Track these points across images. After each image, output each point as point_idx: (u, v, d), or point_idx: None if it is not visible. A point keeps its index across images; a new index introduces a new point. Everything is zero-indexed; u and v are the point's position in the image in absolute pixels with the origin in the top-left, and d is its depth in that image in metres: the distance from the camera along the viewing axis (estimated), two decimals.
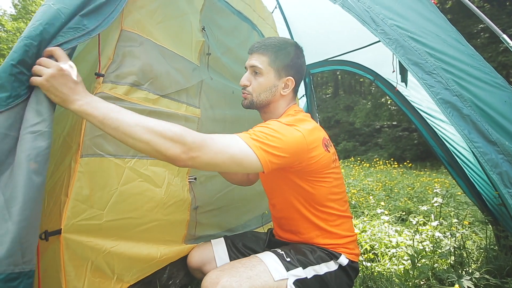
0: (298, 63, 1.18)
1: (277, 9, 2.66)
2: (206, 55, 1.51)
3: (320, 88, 22.28)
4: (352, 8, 1.00)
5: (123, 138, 0.79)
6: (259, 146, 0.92)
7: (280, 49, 1.15)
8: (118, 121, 0.78)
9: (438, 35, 1.03)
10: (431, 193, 4.11)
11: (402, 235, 2.31)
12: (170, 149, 0.80)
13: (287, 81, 1.17)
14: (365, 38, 2.25)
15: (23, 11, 13.17)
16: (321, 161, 1.07)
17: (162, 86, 1.25)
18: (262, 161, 0.92)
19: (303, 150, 1.00)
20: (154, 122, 0.81)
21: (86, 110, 0.78)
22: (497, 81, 1.00)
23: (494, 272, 1.56)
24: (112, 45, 1.05)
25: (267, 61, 1.14)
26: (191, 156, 0.82)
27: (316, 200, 1.13)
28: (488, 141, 0.93)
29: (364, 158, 12.07)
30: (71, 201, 0.95)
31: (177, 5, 1.33)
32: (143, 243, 1.21)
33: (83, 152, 0.99)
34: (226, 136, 0.92)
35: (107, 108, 0.79)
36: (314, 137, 1.05)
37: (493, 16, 9.26)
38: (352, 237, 1.19)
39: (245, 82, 1.18)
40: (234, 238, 1.39)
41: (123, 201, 1.10)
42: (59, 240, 0.93)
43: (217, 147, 0.86)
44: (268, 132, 0.97)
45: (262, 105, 1.19)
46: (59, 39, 0.78)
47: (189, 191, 1.40)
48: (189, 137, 0.82)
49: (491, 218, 1.91)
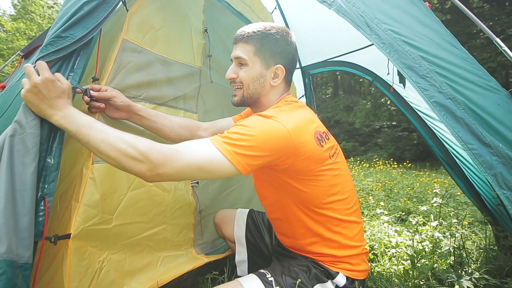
0: (287, 50, 1.06)
1: (276, 9, 2.68)
2: (207, 57, 1.53)
3: (319, 88, 22.27)
4: (346, 13, 1.02)
5: (95, 152, 0.83)
6: (231, 150, 0.85)
7: (265, 36, 1.03)
8: (88, 137, 0.80)
9: (432, 39, 1.04)
10: (430, 193, 4.11)
11: (402, 235, 2.31)
12: (134, 167, 0.79)
13: (276, 69, 1.05)
14: (364, 39, 2.24)
15: (23, 11, 13.20)
16: (312, 157, 0.96)
17: (160, 95, 1.27)
18: (238, 165, 0.85)
19: (287, 146, 0.90)
20: (119, 138, 0.80)
21: (62, 124, 0.82)
22: (491, 84, 1.02)
23: (494, 272, 1.56)
24: (113, 55, 1.07)
25: (252, 50, 1.03)
26: (156, 173, 0.80)
27: (311, 201, 1.02)
28: (482, 143, 0.94)
29: (363, 158, 12.06)
30: (82, 206, 0.97)
31: (178, 8, 1.34)
32: (146, 251, 1.21)
33: (94, 159, 1.01)
34: (195, 143, 0.87)
35: (79, 123, 0.81)
36: (302, 131, 0.94)
37: (492, 17, 9.26)
38: (357, 249, 1.06)
39: (231, 75, 1.08)
40: (259, 214, 1.48)
41: (132, 206, 1.12)
42: (68, 245, 0.95)
43: (184, 160, 0.82)
44: (242, 131, 0.88)
45: (252, 99, 1.08)
46: (49, 48, 0.82)
47: (193, 195, 1.42)
48: (153, 155, 0.79)
49: (490, 218, 1.92)
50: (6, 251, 0.71)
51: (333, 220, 1.04)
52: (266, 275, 1.01)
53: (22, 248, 0.74)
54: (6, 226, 0.72)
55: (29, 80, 0.80)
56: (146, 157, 0.79)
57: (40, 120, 0.82)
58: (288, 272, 1.03)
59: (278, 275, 1.01)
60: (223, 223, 1.49)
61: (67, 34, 0.83)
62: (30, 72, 0.80)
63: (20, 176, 0.77)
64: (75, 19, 0.84)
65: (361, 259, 1.09)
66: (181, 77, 1.37)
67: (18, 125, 0.79)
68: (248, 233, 1.42)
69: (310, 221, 1.05)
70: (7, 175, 0.75)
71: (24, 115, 0.80)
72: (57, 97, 0.82)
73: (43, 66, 0.81)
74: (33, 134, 0.80)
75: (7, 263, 0.71)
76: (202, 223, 1.50)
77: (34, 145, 0.80)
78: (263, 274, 1.02)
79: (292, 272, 1.03)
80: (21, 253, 0.74)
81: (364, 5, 1.03)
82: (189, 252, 1.40)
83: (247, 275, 1.04)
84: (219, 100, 1.65)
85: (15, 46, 11.32)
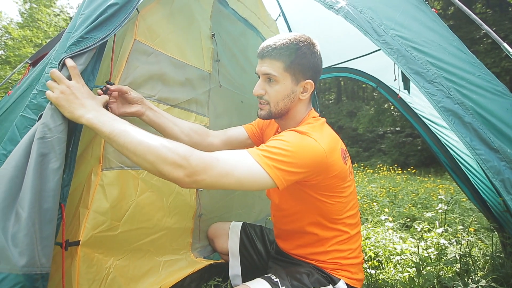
0: (315, 63, 1.05)
1: (280, 17, 2.70)
2: (216, 61, 1.54)
3: (323, 94, 22.31)
4: (354, 19, 1.02)
5: (128, 155, 0.78)
6: (272, 164, 0.85)
7: (294, 51, 1.00)
8: (123, 139, 0.77)
9: (439, 44, 1.04)
10: (435, 200, 4.08)
11: (407, 242, 2.29)
12: (173, 172, 0.76)
13: (306, 84, 1.04)
14: (367, 45, 2.27)
15: (30, 19, 13.39)
16: (339, 175, 0.99)
17: (173, 97, 1.27)
18: (276, 180, 0.86)
19: (321, 164, 0.93)
20: (158, 142, 0.78)
21: (93, 124, 0.79)
22: (499, 89, 1.01)
23: (501, 280, 1.54)
24: (124, 56, 1.08)
25: (282, 67, 1.00)
26: (195, 180, 0.78)
27: (329, 216, 1.06)
28: (490, 148, 0.94)
29: (367, 164, 12.02)
30: (91, 213, 0.97)
31: (187, 14, 1.36)
32: (148, 255, 1.21)
33: (103, 166, 1.01)
34: (235, 155, 0.86)
35: (114, 124, 0.79)
36: (333, 150, 0.97)
37: (495, 22, 9.27)
38: (357, 259, 1.11)
39: (259, 92, 1.05)
40: (251, 227, 1.46)
41: (138, 212, 1.12)
42: (77, 252, 0.94)
43: (224, 170, 0.81)
44: (281, 146, 0.89)
45: (281, 114, 1.08)
46: (73, 48, 0.82)
47: (196, 200, 1.42)
48: (193, 160, 0.77)
49: (496, 225, 1.90)
50: (26, 264, 0.67)
51: (343, 234, 1.09)
52: (271, 277, 1.03)
53: (44, 258, 0.70)
54: (29, 237, 0.68)
55: (60, 83, 0.80)
56: (187, 162, 0.77)
57: (67, 125, 0.80)
58: (292, 274, 1.05)
59: (283, 277, 1.03)
60: (216, 237, 1.49)
61: (90, 35, 0.84)
62: (60, 77, 0.80)
63: (48, 182, 0.73)
64: (99, 21, 0.85)
65: (359, 268, 1.13)
66: (192, 80, 1.38)
67: (47, 128, 0.75)
68: (242, 247, 1.41)
69: (323, 233, 1.08)
70: (34, 180, 0.70)
71: (53, 119, 0.77)
72: (88, 97, 0.83)
73: (76, 72, 0.82)
74: (61, 139, 0.77)
75: (26, 277, 0.67)
76: (201, 227, 1.49)
77: (61, 150, 0.77)
78: (268, 277, 1.04)
79: (296, 273, 1.05)
80: (44, 263, 0.70)
81: (372, 11, 1.04)
82: (187, 256, 1.40)
83: (252, 280, 1.04)
84: (228, 105, 1.66)
85: (22, 53, 11.45)
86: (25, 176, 0.71)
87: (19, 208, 0.69)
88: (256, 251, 1.40)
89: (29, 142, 0.75)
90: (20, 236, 0.68)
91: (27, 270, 0.67)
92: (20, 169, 0.72)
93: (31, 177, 0.70)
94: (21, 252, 0.67)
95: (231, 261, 1.41)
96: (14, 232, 0.68)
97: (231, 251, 1.42)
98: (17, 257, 0.66)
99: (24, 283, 0.66)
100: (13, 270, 0.66)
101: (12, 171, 0.72)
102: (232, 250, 1.42)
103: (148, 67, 1.16)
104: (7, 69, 10.94)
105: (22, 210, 0.69)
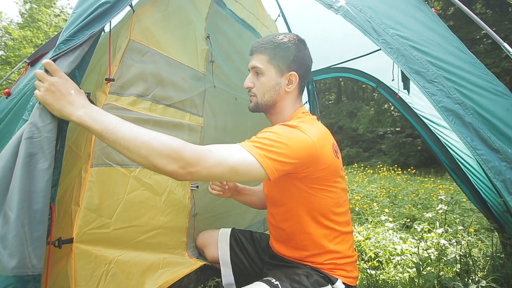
0: (300, 56, 1.12)
1: (280, 17, 2.69)
2: (210, 62, 1.54)
3: (323, 94, 22.32)
4: (354, 19, 1.02)
5: (121, 151, 0.78)
6: (263, 154, 0.88)
7: (278, 45, 1.10)
8: (116, 135, 0.77)
9: (439, 43, 1.04)
10: (435, 200, 4.08)
11: (407, 242, 2.29)
12: (167, 165, 0.78)
13: (290, 76, 1.11)
14: (367, 45, 2.26)
15: (30, 19, 13.40)
16: (329, 168, 1.02)
17: (167, 96, 1.27)
18: (267, 169, 0.88)
19: (311, 155, 0.96)
20: (151, 136, 0.79)
21: (84, 122, 0.79)
22: (499, 89, 1.01)
23: (501, 281, 1.53)
24: (119, 55, 1.08)
25: (266, 59, 1.10)
26: (189, 171, 0.80)
27: (320, 211, 1.08)
28: (491, 148, 0.93)
29: (367, 164, 12.02)
30: (82, 210, 0.97)
31: (183, 14, 1.36)
32: (147, 253, 1.21)
33: (93, 162, 1.00)
34: (227, 147, 0.89)
35: (106, 120, 0.79)
36: (323, 142, 1.00)
37: (495, 23, 9.26)
38: (352, 258, 1.14)
39: (248, 84, 1.14)
40: (241, 232, 1.45)
41: (128, 210, 1.12)
42: (71, 249, 0.94)
43: (216, 160, 0.82)
44: (272, 137, 0.92)
45: (268, 106, 1.14)
46: (62, 47, 0.82)
47: (190, 199, 1.42)
48: (187, 152, 0.79)
49: (497, 225, 1.90)
50: (16, 266, 0.65)
51: (335, 232, 1.10)
52: (271, 280, 1.02)
53: (35, 259, 0.69)
54: (18, 239, 0.67)
55: (44, 81, 0.79)
56: (180, 154, 0.78)
57: (56, 124, 0.79)
58: (291, 277, 1.05)
59: (283, 280, 1.03)
60: (205, 246, 1.46)
61: (80, 33, 0.83)
62: (43, 74, 0.79)
63: (37, 183, 0.71)
64: (89, 19, 0.84)
65: (354, 266, 1.15)
66: (187, 80, 1.38)
67: (34, 128, 0.74)
68: (232, 255, 1.39)
69: (315, 231, 1.09)
70: (23, 181, 0.69)
71: (41, 118, 0.76)
72: (75, 92, 0.81)
73: (54, 67, 0.80)
74: (50, 138, 0.76)
75: (17, 279, 0.66)
76: (196, 227, 1.48)
77: (50, 150, 0.75)
78: (268, 280, 1.03)
79: (294, 275, 1.06)
80: (35, 265, 0.69)
81: (371, 10, 1.03)
82: (183, 256, 1.39)
83: (252, 283, 1.04)
84: (223, 105, 1.66)
85: (22, 53, 11.47)
86: (13, 177, 0.70)
87: (7, 209, 0.68)
88: (247, 258, 1.38)
89: (17, 142, 0.74)
90: (9, 237, 0.67)
91: (17, 271, 0.66)
92: (8, 170, 0.71)
93: (19, 178, 0.69)
94: (11, 253, 0.66)
95: (223, 270, 1.39)
96: (3, 233, 0.67)
97: (222, 260, 1.39)
98: (7, 258, 0.65)
99: (15, 284, 0.66)
100: (3, 271, 0.65)
101: (0, 172, 0.71)
102: (223, 259, 1.39)
103: (143, 66, 1.16)
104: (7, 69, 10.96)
105: (10, 211, 0.68)
